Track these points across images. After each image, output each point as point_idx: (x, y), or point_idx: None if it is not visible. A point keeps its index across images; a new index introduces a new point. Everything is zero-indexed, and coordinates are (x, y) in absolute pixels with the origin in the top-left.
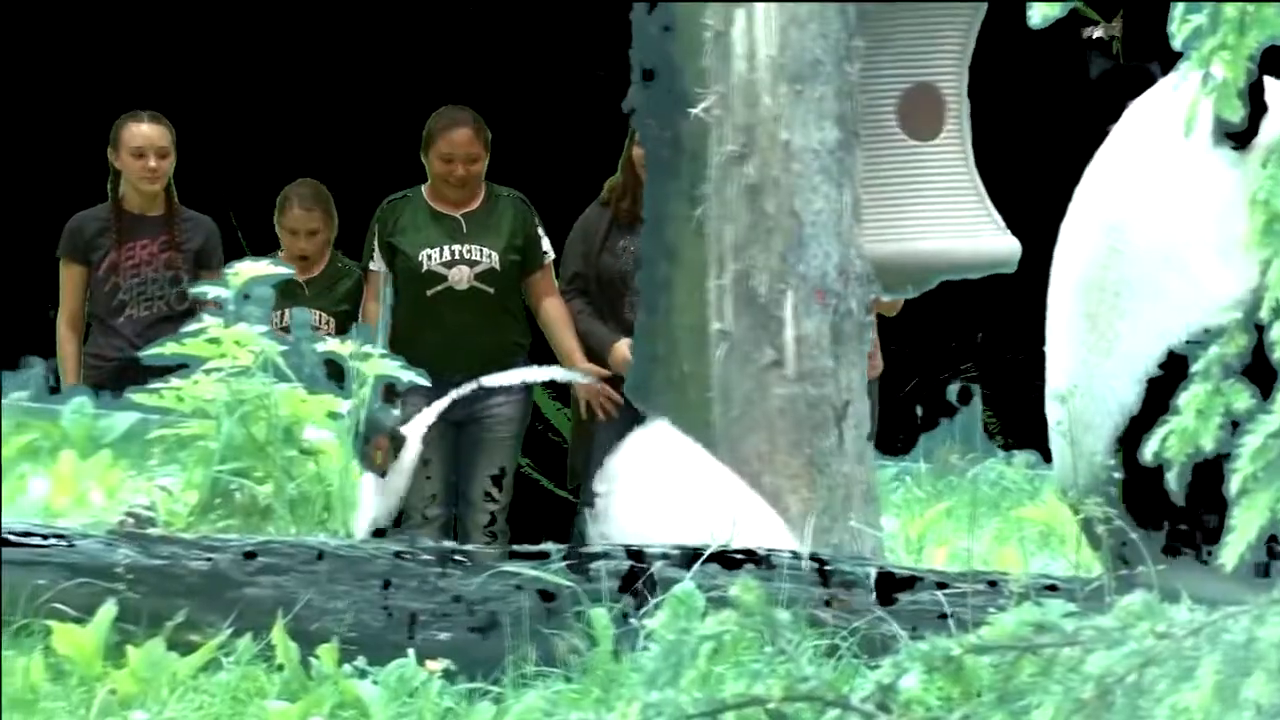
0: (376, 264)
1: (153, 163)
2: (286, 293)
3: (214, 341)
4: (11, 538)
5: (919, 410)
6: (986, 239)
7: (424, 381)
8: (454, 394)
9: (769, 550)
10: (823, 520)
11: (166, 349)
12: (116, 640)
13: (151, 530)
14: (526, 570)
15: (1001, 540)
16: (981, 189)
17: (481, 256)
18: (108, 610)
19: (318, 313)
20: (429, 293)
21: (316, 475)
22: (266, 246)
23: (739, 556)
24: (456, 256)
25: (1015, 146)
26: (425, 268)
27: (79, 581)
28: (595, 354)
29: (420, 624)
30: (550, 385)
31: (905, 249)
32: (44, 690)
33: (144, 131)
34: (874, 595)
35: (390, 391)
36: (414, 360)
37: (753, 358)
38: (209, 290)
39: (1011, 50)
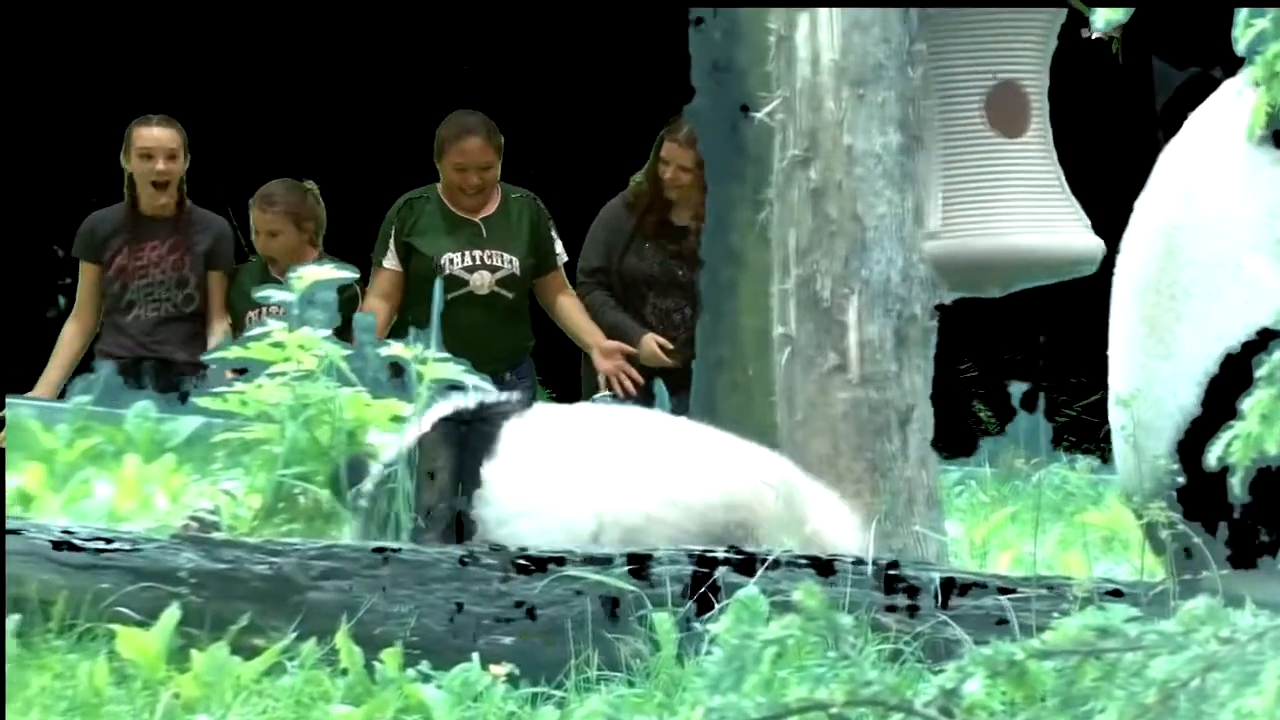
0: (390, 262)
1: (160, 165)
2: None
3: (278, 345)
4: (76, 542)
5: (983, 414)
6: (1072, 236)
7: (488, 386)
8: (456, 400)
9: (833, 556)
10: (886, 525)
11: (230, 352)
12: (180, 644)
13: (215, 534)
14: (590, 574)
15: (1065, 545)
16: (1066, 186)
17: (503, 262)
18: (171, 614)
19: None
20: (448, 296)
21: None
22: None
23: (803, 562)
24: (478, 262)
25: (1089, 152)
26: (447, 271)
27: (143, 585)
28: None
29: (484, 628)
30: (551, 384)
31: (991, 245)
32: (108, 694)
33: (153, 134)
34: (937, 600)
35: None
36: None
37: (816, 362)
38: (273, 294)
39: (1082, 56)
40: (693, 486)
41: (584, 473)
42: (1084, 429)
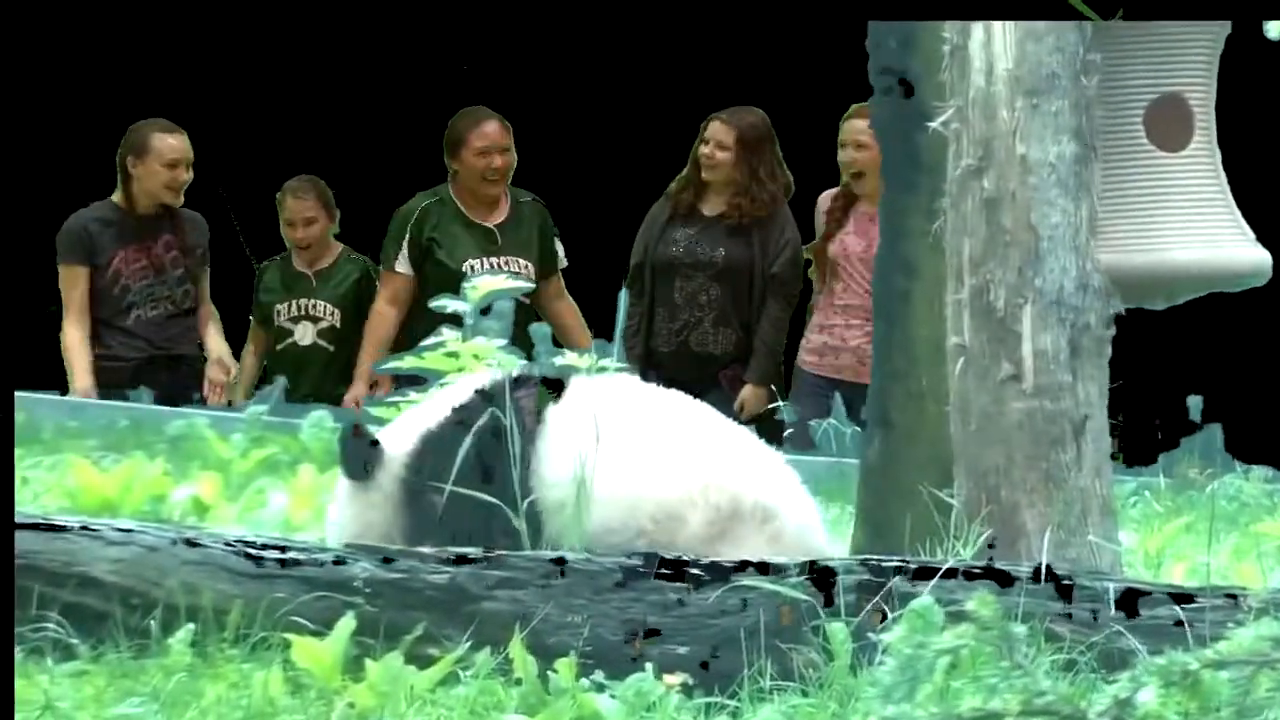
0: (402, 266)
1: (184, 175)
2: (293, 285)
3: (452, 355)
4: (251, 551)
5: (1159, 427)
6: (1237, 250)
7: None
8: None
9: (1007, 565)
10: (1060, 535)
11: (405, 362)
12: (355, 654)
13: (389, 544)
14: (764, 584)
15: (1240, 555)
16: (1231, 201)
17: (519, 268)
18: (346, 623)
19: (323, 303)
20: None
21: None
22: (266, 246)
23: (978, 571)
24: (497, 268)
25: (1262, 163)
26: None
27: (318, 595)
28: None
29: (658, 638)
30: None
31: (1155, 260)
32: (282, 704)
33: (180, 144)
34: (1112, 610)
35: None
36: None
37: (990, 372)
38: (448, 304)
39: (1256, 65)
40: (628, 487)
41: (633, 452)
42: (1259, 440)
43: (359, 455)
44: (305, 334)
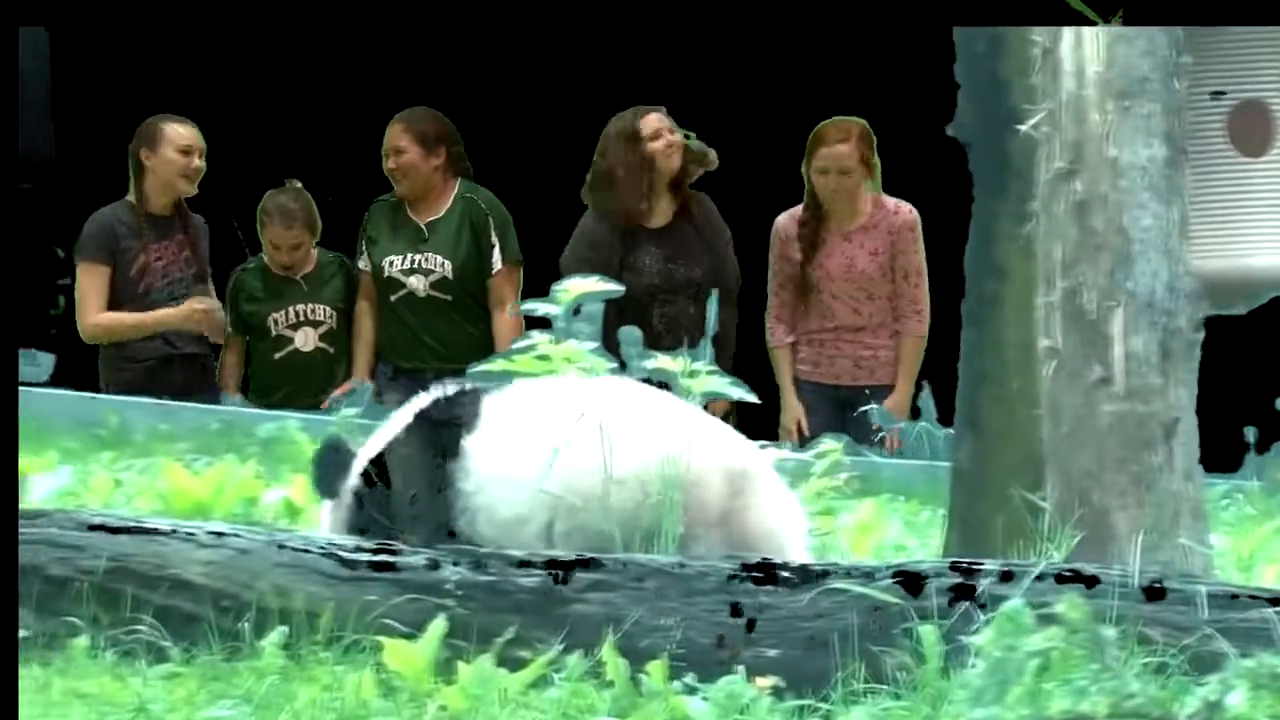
0: (364, 264)
1: (197, 162)
2: (281, 291)
3: (543, 358)
4: (343, 554)
5: (1251, 433)
6: None
7: (752, 398)
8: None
9: (1097, 569)
10: (1151, 538)
11: (495, 365)
12: (446, 656)
13: (481, 547)
14: (855, 586)
15: None
16: None
17: (435, 265)
18: (438, 626)
19: (322, 307)
20: (390, 298)
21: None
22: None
23: (1068, 574)
24: (415, 265)
25: None
26: (386, 274)
27: (409, 597)
28: None
29: (749, 640)
30: None
31: (1236, 265)
32: (374, 706)
33: (190, 133)
34: (1203, 612)
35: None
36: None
37: (1081, 375)
38: (539, 306)
39: None
40: (635, 466)
41: (553, 441)
42: None
43: (331, 475)
44: (307, 340)
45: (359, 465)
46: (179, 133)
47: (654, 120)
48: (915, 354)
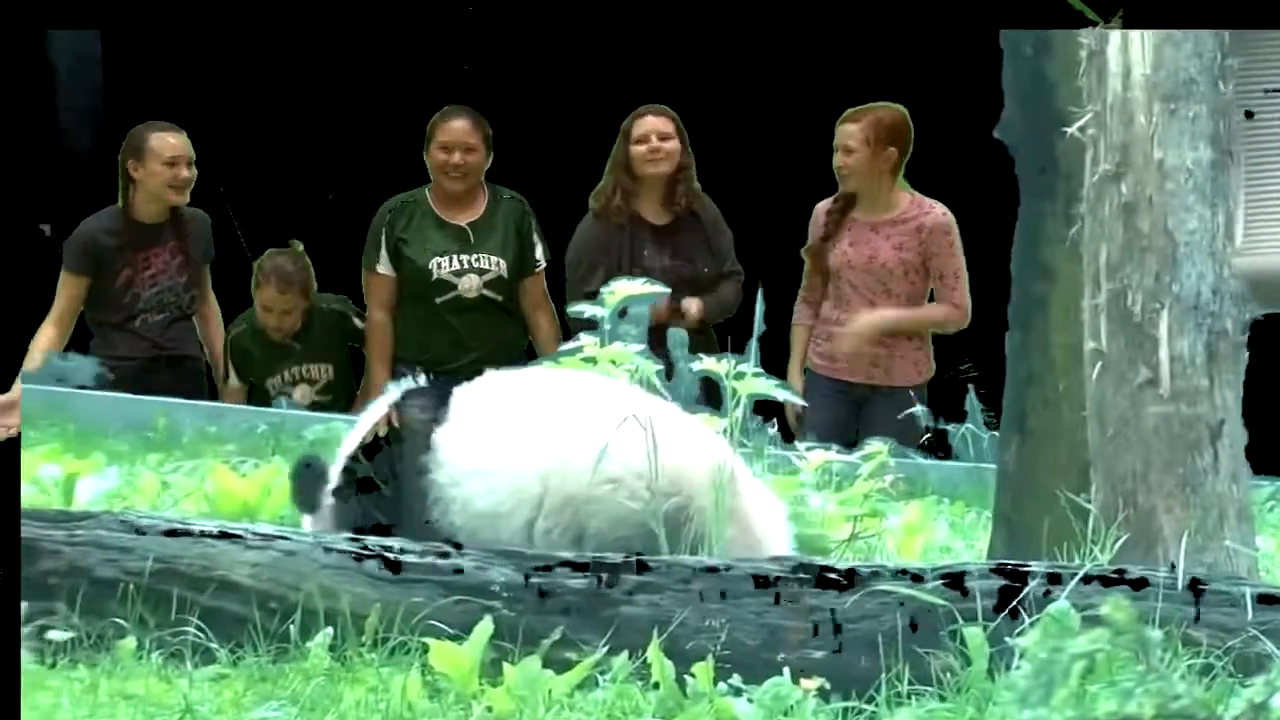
0: (384, 268)
1: (185, 172)
2: (283, 354)
3: (590, 361)
4: (390, 556)
5: None
6: None
7: (799, 401)
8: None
9: (1143, 571)
10: (1196, 539)
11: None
12: (493, 658)
13: (525, 549)
14: (901, 588)
15: None
16: None
17: (490, 265)
18: (485, 628)
19: (316, 366)
20: (436, 299)
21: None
22: (259, 242)
23: (1113, 576)
24: (466, 265)
25: None
26: (435, 276)
27: (455, 599)
28: None
29: (794, 642)
30: None
31: None
32: (421, 708)
33: (178, 143)
34: (1249, 614)
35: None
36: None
37: (1127, 377)
38: (586, 309)
39: None
40: (635, 466)
41: (532, 436)
42: None
43: (309, 489)
44: (304, 397)
45: (339, 462)
46: (166, 143)
47: (648, 123)
48: (935, 313)
